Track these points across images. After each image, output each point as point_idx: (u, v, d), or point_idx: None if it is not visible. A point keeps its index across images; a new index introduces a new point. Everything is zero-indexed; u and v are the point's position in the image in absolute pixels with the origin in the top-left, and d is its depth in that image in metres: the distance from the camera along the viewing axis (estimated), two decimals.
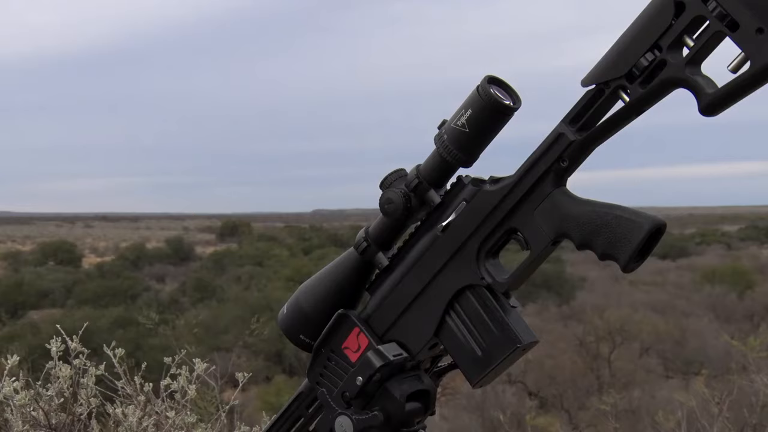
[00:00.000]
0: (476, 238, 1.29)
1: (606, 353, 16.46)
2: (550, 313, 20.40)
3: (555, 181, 1.24)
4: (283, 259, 28.15)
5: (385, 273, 1.37)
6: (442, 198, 1.32)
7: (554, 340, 16.44)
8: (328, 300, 1.39)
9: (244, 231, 40.76)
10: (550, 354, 15.70)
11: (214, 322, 18.36)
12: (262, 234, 39.80)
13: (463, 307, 1.30)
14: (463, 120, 1.27)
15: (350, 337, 1.35)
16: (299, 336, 1.40)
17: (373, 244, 1.37)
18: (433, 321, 1.31)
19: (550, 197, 1.24)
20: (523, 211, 1.26)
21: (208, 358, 2.90)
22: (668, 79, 1.13)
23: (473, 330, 1.29)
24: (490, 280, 1.29)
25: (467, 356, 1.30)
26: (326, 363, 1.37)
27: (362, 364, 1.32)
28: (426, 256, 1.32)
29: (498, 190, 1.27)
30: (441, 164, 1.30)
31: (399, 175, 1.35)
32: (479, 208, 1.28)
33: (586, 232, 1.21)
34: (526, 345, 1.28)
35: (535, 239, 1.25)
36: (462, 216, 1.29)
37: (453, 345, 1.31)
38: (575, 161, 1.23)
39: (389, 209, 1.33)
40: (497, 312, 1.28)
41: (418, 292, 1.33)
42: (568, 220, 1.22)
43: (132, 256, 33.32)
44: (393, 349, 1.33)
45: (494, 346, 1.28)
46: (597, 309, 18.90)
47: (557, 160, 1.23)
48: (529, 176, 1.25)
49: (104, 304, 22.18)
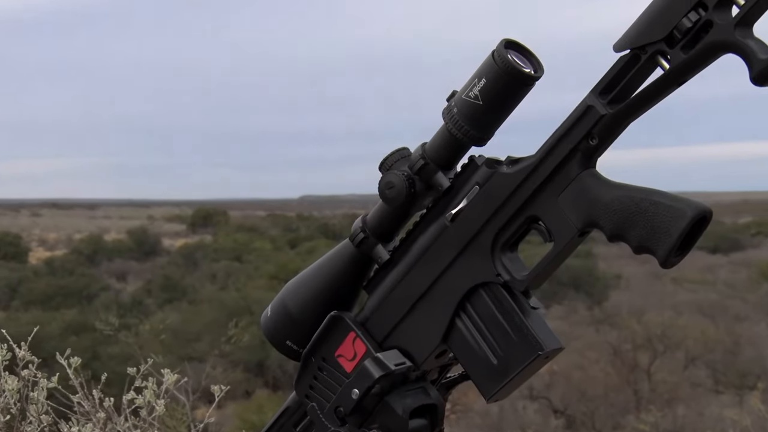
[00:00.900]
0: (491, 229, 1.30)
1: (645, 364, 16.49)
2: (578, 317, 20.45)
3: (583, 161, 1.25)
4: (266, 254, 28.17)
5: (386, 269, 1.38)
6: (451, 181, 1.34)
7: (584, 348, 16.48)
8: (319, 300, 1.41)
9: (219, 220, 40.77)
10: (578, 364, 15.74)
11: (185, 328, 18.39)
12: (241, 224, 39.83)
13: (476, 308, 1.32)
14: (476, 91, 1.28)
15: (345, 344, 1.37)
16: (285, 342, 1.42)
17: (372, 236, 1.39)
18: (441, 325, 1.33)
19: (577, 180, 1.26)
20: (546, 196, 1.27)
21: (178, 369, 2.92)
22: (714, 42, 1.15)
23: (487, 335, 1.31)
24: (507, 276, 1.31)
25: (481, 365, 1.31)
26: (317, 373, 1.39)
27: (359, 375, 1.34)
28: (433, 249, 1.34)
29: (516, 173, 1.29)
30: (450, 142, 1.32)
31: (401, 155, 1.37)
32: (495, 193, 1.30)
33: (619, 220, 1.23)
34: (550, 352, 1.30)
35: (559, 229, 1.27)
36: (475, 202, 1.31)
37: (464, 352, 1.33)
38: (606, 139, 1.24)
39: (390, 195, 1.34)
40: (515, 314, 1.30)
41: (424, 290, 1.35)
42: (597, 207, 1.24)
43: (88, 249, 33.35)
44: (394, 358, 1.34)
45: (512, 353, 1.29)
46: (634, 312, 18.94)
47: (585, 137, 1.24)
48: (553, 156, 1.26)
49: (55, 306, 22.22)
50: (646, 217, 1.22)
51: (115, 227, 46.86)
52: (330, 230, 32.65)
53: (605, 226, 1.24)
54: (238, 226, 38.33)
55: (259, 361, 17.57)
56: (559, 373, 14.82)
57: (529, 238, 1.35)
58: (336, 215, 41.59)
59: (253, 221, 42.55)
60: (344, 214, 37.59)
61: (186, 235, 41.57)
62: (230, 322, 10.88)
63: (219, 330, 14.29)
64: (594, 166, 1.27)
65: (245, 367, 17.31)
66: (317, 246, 25.32)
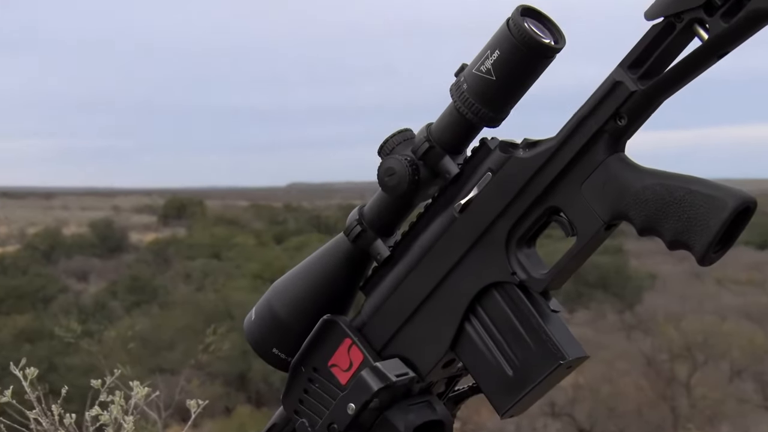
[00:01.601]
0: (506, 221, 1.32)
1: (684, 376, 16.52)
2: (607, 322, 20.47)
3: (610, 144, 1.27)
4: (249, 250, 28.17)
5: (386, 267, 1.40)
6: (460, 167, 1.35)
7: (613, 358, 16.50)
8: (310, 302, 1.42)
9: (195, 212, 40.73)
10: (607, 376, 15.77)
11: (156, 335, 18.41)
12: (220, 216, 39.80)
13: (489, 311, 1.34)
14: (489, 64, 1.29)
15: (339, 352, 1.39)
16: (272, 350, 1.44)
17: (370, 229, 1.40)
18: (449, 330, 1.35)
19: (603, 166, 1.27)
20: (568, 184, 1.29)
21: (148, 381, 2.93)
22: (759, 10, 1.16)
23: (501, 342, 1.33)
24: (523, 276, 1.32)
25: (494, 377, 1.33)
26: (308, 385, 1.40)
27: (355, 387, 1.35)
28: (439, 245, 1.35)
29: (534, 157, 1.30)
30: (459, 123, 1.33)
31: (404, 137, 1.38)
32: (510, 180, 1.31)
33: (651, 212, 1.24)
34: (572, 362, 1.31)
35: (583, 222, 1.28)
36: (487, 191, 1.32)
37: (475, 362, 1.34)
38: (636, 118, 1.26)
39: (391, 183, 1.35)
40: (533, 318, 1.31)
41: (429, 291, 1.36)
42: (626, 197, 1.25)
43: (43, 245, 33.33)
44: (396, 367, 1.36)
45: (529, 362, 1.31)
46: (671, 316, 18.95)
47: (613, 116, 1.25)
48: (576, 138, 1.27)
49: (6, 310, 22.22)
50: (681, 207, 1.23)
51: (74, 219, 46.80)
52: (322, 223, 32.68)
53: (635, 217, 1.25)
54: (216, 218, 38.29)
55: (240, 373, 17.60)
56: (584, 386, 14.85)
57: (549, 231, 1.36)
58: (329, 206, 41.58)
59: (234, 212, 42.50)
60: (338, 205, 37.58)
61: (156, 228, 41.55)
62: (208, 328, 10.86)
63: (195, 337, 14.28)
64: (623, 149, 1.28)
65: (225, 380, 17.34)
66: (308, 241, 25.32)
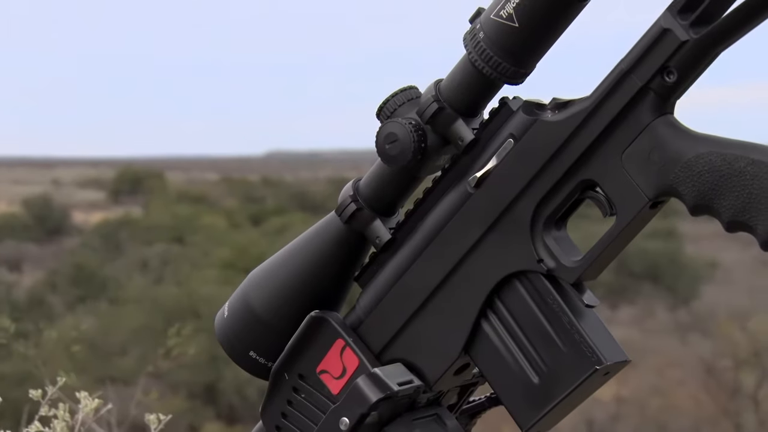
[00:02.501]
0: (531, 198, 1.34)
1: (751, 386, 16.53)
2: (657, 321, 20.48)
3: (656, 105, 1.29)
4: (219, 233, 28.12)
5: (386, 253, 1.42)
6: (476, 133, 1.36)
7: (664, 365, 16.52)
8: (295, 296, 1.44)
9: (153, 186, 40.61)
10: (657, 387, 15.79)
11: (106, 337, 18.40)
12: (184, 191, 39.67)
13: (510, 306, 1.36)
14: (510, 8, 1.31)
15: (330, 355, 1.40)
16: (248, 354, 1.45)
17: (367, 208, 1.42)
18: (462, 329, 1.37)
19: (648, 131, 1.29)
20: (606, 153, 1.30)
21: (98, 393, 2.95)
22: None
23: (525, 343, 1.35)
24: (552, 263, 1.34)
25: (516, 385, 1.35)
26: (292, 396, 1.42)
27: (349, 398, 1.37)
28: (451, 227, 1.37)
29: (566, 121, 1.32)
30: (475, 80, 1.35)
31: (408, 97, 1.39)
32: (536, 148, 1.33)
33: (706, 186, 1.26)
34: (611, 367, 1.33)
35: (624, 198, 1.30)
36: (508, 161, 1.34)
37: (493, 367, 1.36)
38: (688, 73, 1.27)
39: (392, 152, 1.37)
40: (564, 314, 1.33)
41: (439, 283, 1.38)
42: (676, 168, 1.27)
43: None
44: (398, 374, 1.38)
45: (559, 368, 1.33)
46: (736, 315, 18.94)
47: (660, 71, 1.27)
48: (616, 98, 1.29)
49: None
50: (742, 181, 1.25)
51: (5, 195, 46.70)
52: (308, 200, 32.61)
53: (686, 193, 1.27)
54: (179, 194, 38.15)
55: (208, 384, 17.60)
56: (629, 399, 14.87)
57: (583, 210, 1.38)
58: (317, 179, 41.47)
59: (201, 187, 42.36)
60: (328, 178, 37.46)
61: (106, 206, 41.39)
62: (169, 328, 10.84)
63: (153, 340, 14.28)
64: (672, 111, 1.30)
65: (190, 392, 17.35)
66: (291, 222, 25.25)
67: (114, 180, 44.87)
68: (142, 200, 38.56)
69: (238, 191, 39.70)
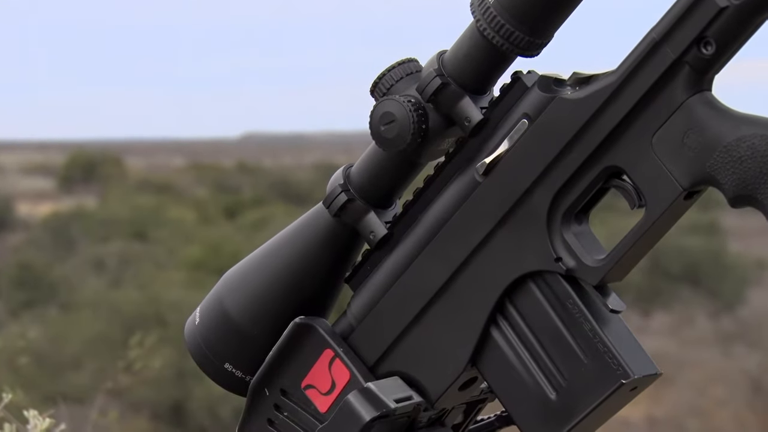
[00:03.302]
0: (548, 187, 1.35)
1: None
2: (696, 330, 20.47)
3: (692, 81, 1.30)
4: (187, 228, 28.09)
5: (382, 250, 1.43)
6: (485, 113, 1.38)
7: (705, 381, 16.53)
8: (276, 300, 1.45)
9: (110, 173, 40.55)
10: (696, 406, 15.80)
11: (57, 347, 18.39)
12: (146, 179, 39.62)
13: (524, 312, 1.37)
14: None
15: (317, 368, 1.42)
16: (223, 366, 1.47)
17: (360, 198, 1.43)
18: (469, 338, 1.38)
19: (682, 111, 1.30)
20: (634, 136, 1.32)
21: (49, 411, 2.97)
22: None
23: (541, 354, 1.36)
24: (572, 263, 1.35)
25: (530, 402, 1.36)
26: (273, 415, 1.44)
27: (339, 417, 1.38)
28: (456, 220, 1.39)
29: (588, 98, 1.33)
30: (484, 51, 1.36)
31: (407, 71, 1.40)
32: (554, 130, 1.34)
33: (748, 174, 1.27)
34: (639, 381, 1.35)
35: (654, 188, 1.31)
36: (522, 145, 1.35)
37: (504, 382, 1.38)
38: (727, 45, 1.28)
39: (389, 134, 1.38)
40: (585, 321, 1.34)
41: (442, 284, 1.39)
42: (715, 153, 1.28)
43: None
44: (395, 390, 1.39)
45: (580, 382, 1.34)
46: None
47: (696, 42, 1.28)
48: (646, 72, 1.30)
49: None
50: None
51: None
52: (291, 190, 32.57)
53: (726, 182, 1.28)
54: (140, 183, 38.11)
55: (175, 402, 17.59)
56: (663, 419, 14.88)
57: (609, 202, 1.39)
58: (302, 165, 41.43)
59: (167, 174, 42.30)
60: (314, 164, 37.42)
61: (55, 196, 41.28)
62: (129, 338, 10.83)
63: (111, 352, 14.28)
64: (709, 88, 1.31)
65: (154, 412, 17.34)
66: (271, 215, 25.22)
67: (64, 166, 44.70)
68: (97, 189, 38.44)
69: (210, 179, 39.58)
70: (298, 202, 24.65)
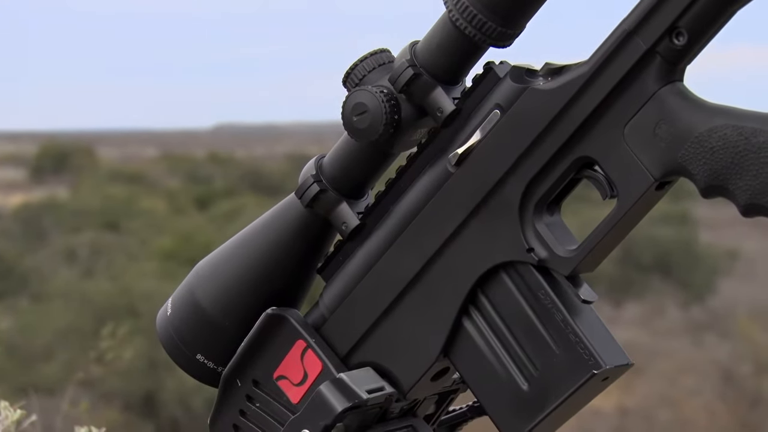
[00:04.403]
0: (520, 178, 1.35)
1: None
2: (667, 320, 20.53)
3: (664, 71, 1.30)
4: (159, 218, 28.03)
5: (354, 241, 1.43)
6: (457, 103, 1.38)
7: (675, 371, 16.58)
8: (248, 291, 1.45)
9: (81, 164, 40.45)
10: (667, 397, 15.85)
11: (27, 339, 18.34)
12: (118, 169, 39.52)
13: (496, 302, 1.37)
14: None
15: (289, 359, 1.42)
16: (195, 357, 1.47)
17: (332, 189, 1.43)
18: (441, 329, 1.38)
19: (654, 101, 1.30)
20: (606, 126, 1.32)
21: (20, 402, 2.96)
22: None
23: (513, 345, 1.36)
24: (544, 253, 1.36)
25: (503, 392, 1.37)
26: (245, 406, 1.44)
27: (311, 408, 1.38)
28: (428, 211, 1.39)
29: (560, 89, 1.33)
30: (456, 41, 1.36)
31: (379, 61, 1.41)
32: (526, 121, 1.34)
33: (720, 164, 1.28)
34: (610, 371, 1.35)
35: (626, 178, 1.32)
36: (494, 136, 1.36)
37: (476, 372, 1.38)
38: (700, 35, 1.29)
39: (361, 125, 1.38)
40: (557, 311, 1.35)
41: (414, 275, 1.40)
42: (686, 143, 1.29)
43: None
44: (367, 380, 1.39)
45: (551, 373, 1.35)
46: (758, 312, 19.02)
47: (669, 32, 1.29)
48: (618, 63, 1.31)
49: None
50: (761, 158, 1.26)
51: None
52: (263, 180, 32.54)
53: (698, 172, 1.29)
54: (112, 174, 38.00)
55: (147, 393, 17.56)
56: (634, 410, 14.92)
57: (581, 192, 1.39)
58: (274, 155, 41.37)
59: (138, 165, 42.20)
60: (286, 155, 37.38)
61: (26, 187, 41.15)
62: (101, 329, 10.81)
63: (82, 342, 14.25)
64: (681, 79, 1.31)
65: (126, 402, 17.31)
66: (243, 206, 25.18)
67: (36, 156, 44.54)
68: (69, 180, 38.33)
69: (182, 170, 39.49)
70: (270, 193, 24.63)
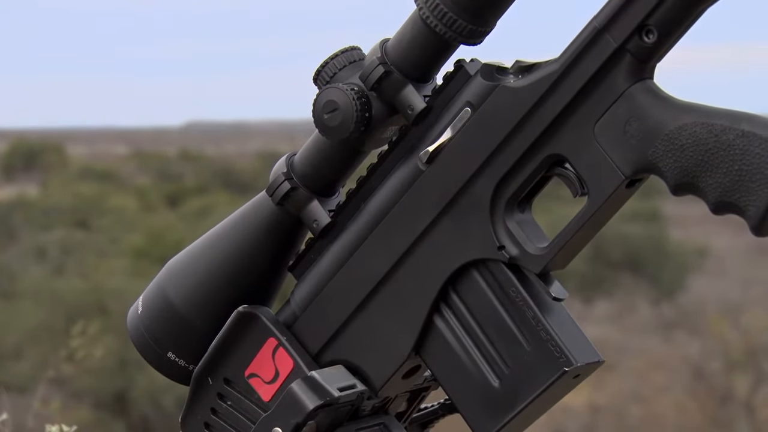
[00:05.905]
0: (491, 175, 1.35)
1: (744, 392, 16.67)
2: (637, 317, 20.59)
3: (634, 69, 1.31)
4: (129, 216, 27.98)
5: (325, 239, 1.43)
6: (428, 101, 1.38)
7: (646, 368, 16.64)
8: (219, 289, 1.45)
9: (51, 161, 40.36)
10: (637, 393, 15.90)
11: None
12: (88, 167, 39.45)
13: (467, 300, 1.38)
14: None
15: (260, 357, 1.42)
16: (166, 355, 1.46)
17: (303, 187, 1.43)
18: (412, 326, 1.38)
19: (624, 99, 1.31)
20: (576, 124, 1.32)
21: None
22: None
23: (484, 342, 1.37)
24: (515, 251, 1.36)
25: (474, 390, 1.37)
26: (217, 404, 1.44)
27: (283, 405, 1.38)
28: (399, 209, 1.39)
29: (530, 87, 1.33)
30: (427, 39, 1.36)
31: (350, 58, 1.41)
32: (496, 118, 1.34)
33: (689, 162, 1.28)
34: (581, 368, 1.36)
35: (596, 176, 1.32)
36: (465, 134, 1.36)
37: (448, 370, 1.38)
38: (669, 32, 1.29)
39: (331, 122, 1.38)
40: (528, 309, 1.35)
41: (385, 273, 1.40)
42: (656, 141, 1.29)
43: None
44: (339, 378, 1.40)
45: (522, 370, 1.35)
46: (728, 309, 19.08)
47: (638, 30, 1.29)
48: (588, 61, 1.31)
49: None
50: (730, 156, 1.26)
51: None
52: (234, 178, 32.52)
53: (667, 170, 1.29)
54: (82, 171, 37.92)
55: (118, 392, 17.53)
56: (605, 407, 14.96)
57: (552, 190, 1.39)
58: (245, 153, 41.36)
59: (109, 163, 42.13)
60: (257, 152, 37.39)
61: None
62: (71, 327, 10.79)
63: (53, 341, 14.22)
64: (651, 76, 1.32)
65: (97, 401, 17.28)
66: (213, 203, 25.17)
67: (5, 154, 44.42)
68: (39, 177, 38.23)
69: (152, 167, 39.44)
70: (241, 191, 24.63)
